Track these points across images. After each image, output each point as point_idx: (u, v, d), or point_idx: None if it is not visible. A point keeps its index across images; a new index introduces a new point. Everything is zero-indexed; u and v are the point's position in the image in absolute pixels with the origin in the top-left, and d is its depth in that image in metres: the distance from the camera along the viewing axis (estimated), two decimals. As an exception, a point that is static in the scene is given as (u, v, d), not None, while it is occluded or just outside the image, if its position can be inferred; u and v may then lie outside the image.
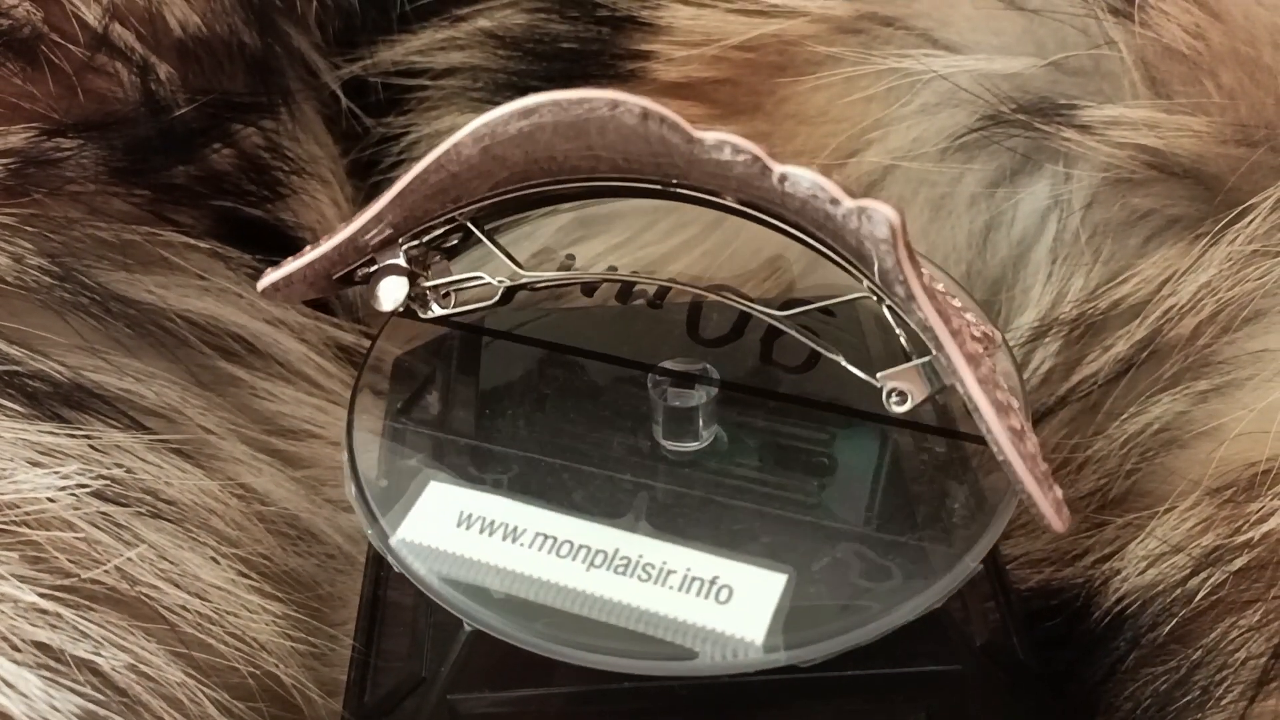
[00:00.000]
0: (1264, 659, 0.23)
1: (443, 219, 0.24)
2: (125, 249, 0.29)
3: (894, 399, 0.23)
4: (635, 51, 0.31)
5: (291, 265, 0.25)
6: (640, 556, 0.23)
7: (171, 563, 0.25)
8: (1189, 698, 0.24)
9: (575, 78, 0.31)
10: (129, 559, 0.24)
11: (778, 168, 0.21)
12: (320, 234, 0.33)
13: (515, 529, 0.23)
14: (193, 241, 0.30)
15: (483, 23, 0.33)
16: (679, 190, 0.23)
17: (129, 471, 0.25)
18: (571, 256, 0.27)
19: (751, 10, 0.30)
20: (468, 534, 0.23)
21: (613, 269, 0.26)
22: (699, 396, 0.24)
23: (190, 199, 0.30)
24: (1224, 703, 0.23)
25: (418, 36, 0.33)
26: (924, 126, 0.30)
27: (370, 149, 0.34)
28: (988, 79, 0.29)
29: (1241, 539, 0.24)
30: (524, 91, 0.31)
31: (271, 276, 0.25)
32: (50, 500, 0.23)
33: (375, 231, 0.24)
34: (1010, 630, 0.25)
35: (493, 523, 0.23)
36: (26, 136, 0.28)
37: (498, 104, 0.33)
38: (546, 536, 0.23)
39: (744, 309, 0.24)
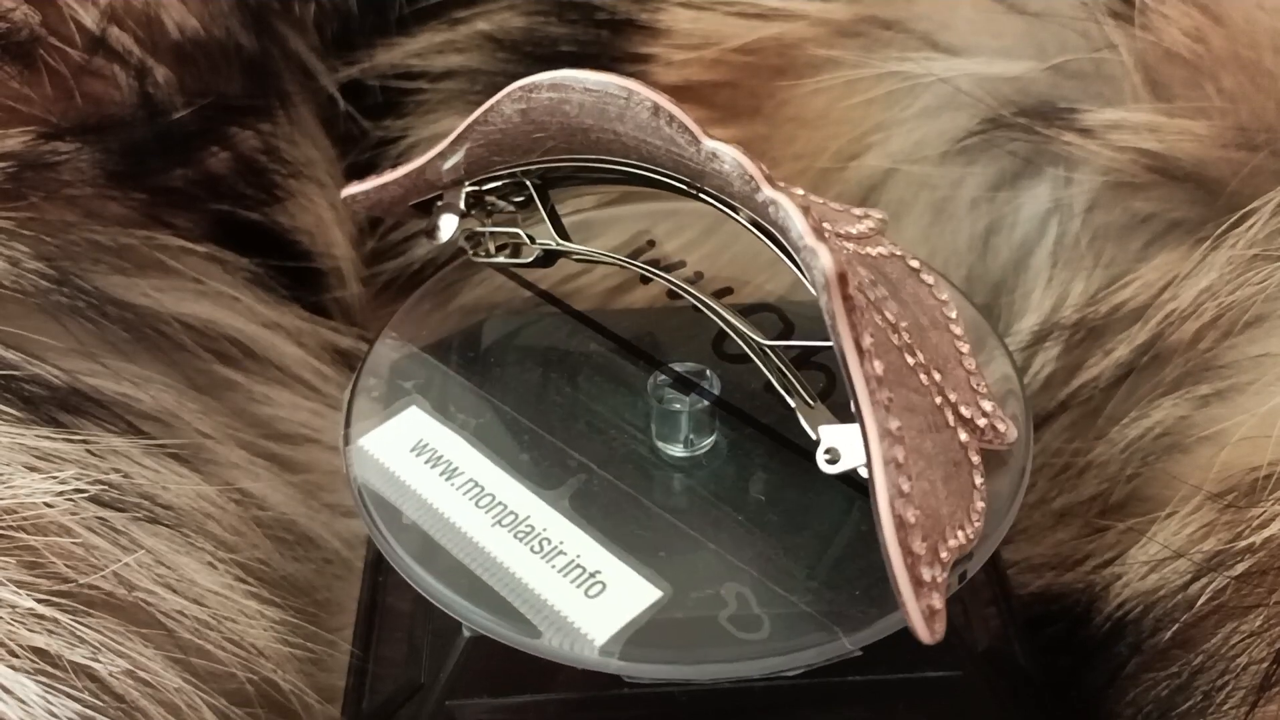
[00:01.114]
0: (1265, 664, 0.23)
1: (505, 171, 0.25)
2: (122, 253, 0.29)
3: (826, 457, 0.22)
4: (635, 54, 0.31)
5: (369, 183, 0.26)
6: (544, 530, 0.23)
7: (169, 568, 0.25)
8: (1190, 703, 0.24)
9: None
10: (126, 564, 0.24)
11: (765, 191, 0.21)
12: (318, 237, 0.33)
13: (455, 469, 0.24)
14: (189, 245, 0.30)
15: (481, 25, 0.33)
16: (704, 198, 0.23)
17: (126, 476, 0.25)
18: (652, 242, 0.27)
19: (751, 13, 0.30)
20: (415, 460, 0.24)
21: (680, 263, 0.27)
22: (685, 403, 0.24)
23: (187, 202, 0.30)
24: (1225, 708, 0.23)
25: (416, 39, 0.33)
26: (925, 130, 0.30)
27: (368, 152, 0.34)
28: (988, 82, 0.29)
29: (1243, 544, 0.24)
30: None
31: (351, 189, 0.27)
32: (47, 505, 0.23)
33: (447, 170, 0.25)
34: (1011, 636, 0.25)
35: (440, 457, 0.24)
36: (23, 140, 0.27)
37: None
38: (476, 484, 0.24)
39: (722, 325, 0.24)
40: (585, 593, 0.22)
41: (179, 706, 0.23)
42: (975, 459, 0.22)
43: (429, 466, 0.24)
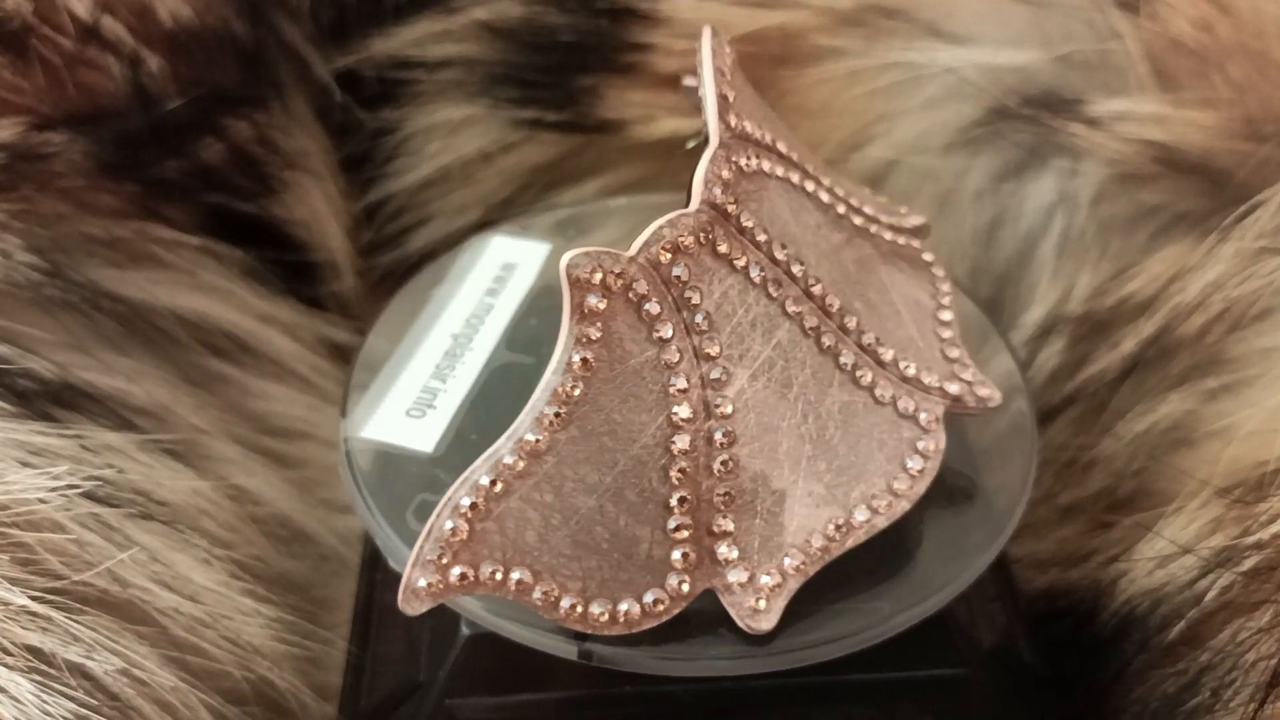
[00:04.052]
0: (1274, 661, 0.23)
1: None
2: (115, 245, 0.29)
3: None
4: (635, 44, 0.31)
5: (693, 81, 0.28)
6: (464, 362, 0.25)
7: (163, 565, 0.24)
8: (1197, 700, 0.24)
9: (573, 70, 0.30)
10: (120, 561, 0.24)
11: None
12: (313, 229, 0.33)
13: (496, 293, 0.27)
14: (183, 237, 0.30)
15: (478, 14, 0.32)
16: None
17: (120, 472, 0.25)
18: None
19: (753, 1, 0.30)
20: (492, 271, 0.27)
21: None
22: None
23: (181, 193, 0.30)
24: (1233, 705, 0.23)
25: (412, 28, 0.33)
26: (929, 121, 0.30)
27: (365, 143, 0.34)
28: (993, 72, 0.29)
29: (1251, 539, 0.24)
30: (521, 85, 0.31)
31: (690, 80, 0.28)
32: (40, 501, 0.23)
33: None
34: (1016, 633, 0.25)
35: (503, 281, 0.27)
36: (15, 131, 0.27)
37: (494, 97, 0.33)
38: (488, 310, 0.26)
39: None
40: (407, 411, 0.24)
41: (174, 705, 0.23)
42: (682, 588, 0.20)
43: (491, 283, 0.27)
